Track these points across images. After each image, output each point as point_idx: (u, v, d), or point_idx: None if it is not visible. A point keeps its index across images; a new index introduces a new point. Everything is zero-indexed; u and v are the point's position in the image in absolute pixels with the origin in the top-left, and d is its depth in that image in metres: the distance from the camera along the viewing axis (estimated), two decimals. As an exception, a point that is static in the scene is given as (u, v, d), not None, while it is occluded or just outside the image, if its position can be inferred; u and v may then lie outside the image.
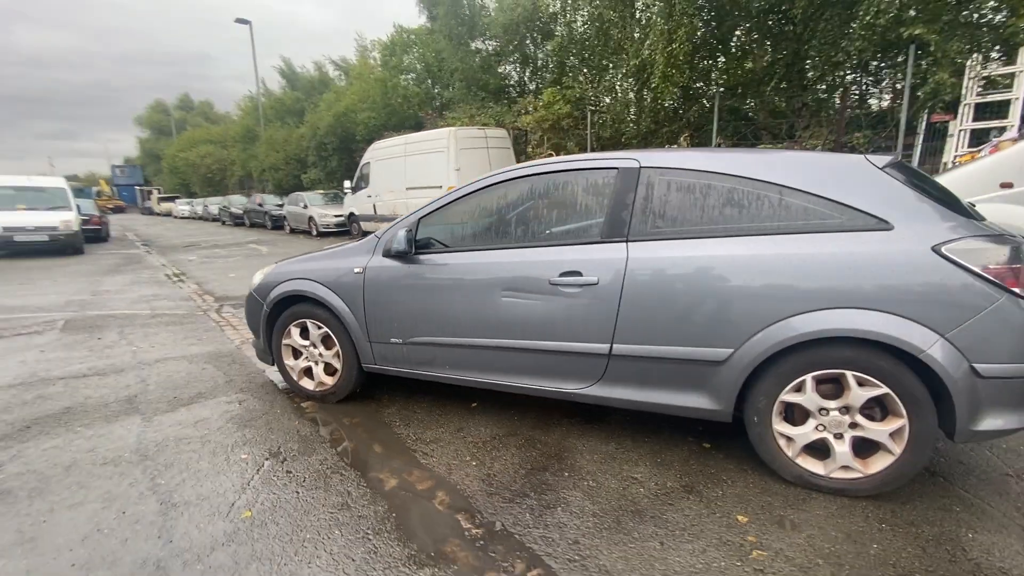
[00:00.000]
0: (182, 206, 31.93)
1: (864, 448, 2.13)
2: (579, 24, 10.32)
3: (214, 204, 25.59)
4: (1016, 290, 1.89)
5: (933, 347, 1.91)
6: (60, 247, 11.90)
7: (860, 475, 2.12)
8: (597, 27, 8.84)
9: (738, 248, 2.18)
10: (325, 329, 3.11)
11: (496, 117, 12.69)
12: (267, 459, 2.53)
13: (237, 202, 22.20)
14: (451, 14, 13.42)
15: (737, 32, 8.11)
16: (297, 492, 2.24)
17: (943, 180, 3.83)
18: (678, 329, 2.26)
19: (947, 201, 2.14)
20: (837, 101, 7.78)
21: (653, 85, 7.31)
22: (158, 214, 37.29)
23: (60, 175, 17.86)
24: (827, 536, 1.91)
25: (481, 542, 1.93)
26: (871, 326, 1.97)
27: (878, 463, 2.10)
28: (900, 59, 7.08)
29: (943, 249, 1.93)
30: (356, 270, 2.96)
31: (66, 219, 12.09)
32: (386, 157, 12.78)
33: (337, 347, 3.10)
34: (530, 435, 2.73)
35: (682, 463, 2.43)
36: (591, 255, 2.41)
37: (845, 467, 2.13)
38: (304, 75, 28.55)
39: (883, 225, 2.03)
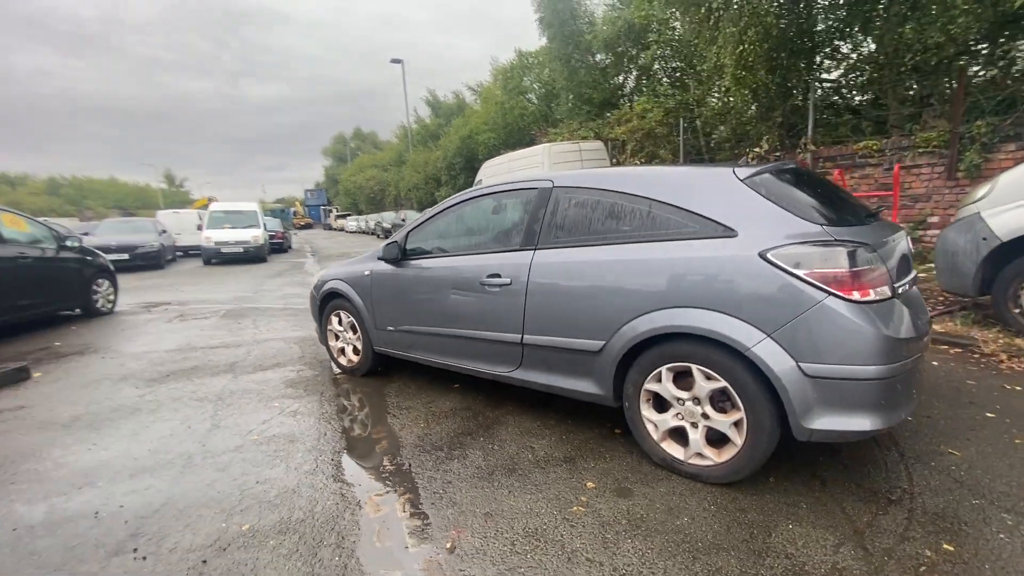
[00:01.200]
0: (351, 222, 37.61)
1: (717, 438, 2.31)
2: (668, 33, 10.24)
3: (372, 220, 29.85)
4: (840, 293, 1.98)
5: (758, 345, 2.08)
6: (251, 257, 15.30)
7: (712, 463, 2.30)
8: (680, 35, 8.75)
9: (611, 254, 2.52)
10: (351, 319, 4.03)
11: (595, 129, 13.08)
12: (288, 407, 3.49)
13: (388, 218, 25.69)
14: (559, 35, 14.18)
15: (825, 24, 7.44)
16: (292, 427, 3.14)
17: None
18: (566, 322, 2.66)
19: (814, 206, 2.24)
20: (952, 86, 6.69)
21: (725, 88, 7.06)
22: (334, 229, 44.30)
23: (271, 199, 22.71)
24: (649, 506, 2.18)
25: (387, 473, 2.58)
26: (706, 324, 2.19)
27: (727, 452, 2.27)
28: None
29: (768, 254, 2.09)
30: (366, 272, 3.83)
31: (255, 235, 15.51)
32: (494, 174, 13.96)
33: (359, 332, 4.00)
34: (480, 410, 3.29)
35: (581, 442, 2.79)
36: (508, 260, 2.92)
37: (699, 454, 2.34)
38: (445, 103, 31.80)
39: (729, 232, 2.23)
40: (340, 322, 4.17)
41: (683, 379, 2.36)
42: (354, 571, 1.88)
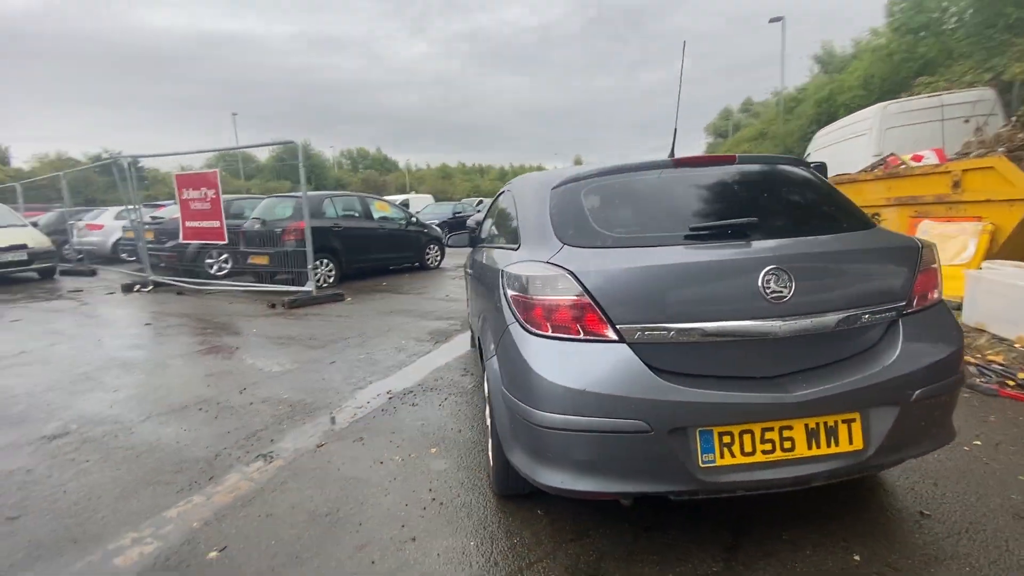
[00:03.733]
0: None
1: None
2: None
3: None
4: (521, 320, 1.76)
5: (491, 359, 2.04)
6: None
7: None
8: None
9: (493, 253, 2.68)
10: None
11: (997, 68, 8.91)
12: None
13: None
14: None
15: None
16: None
17: None
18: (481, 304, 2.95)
19: (580, 224, 1.91)
20: None
21: None
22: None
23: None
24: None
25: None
26: (477, 331, 2.25)
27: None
28: None
29: (504, 269, 1.98)
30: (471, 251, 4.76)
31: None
32: (822, 146, 11.44)
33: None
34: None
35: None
36: (500, 255, 3.33)
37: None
38: (841, 56, 26.23)
39: (515, 244, 2.17)
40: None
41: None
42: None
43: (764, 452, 1.60)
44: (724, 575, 1.74)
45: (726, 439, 1.60)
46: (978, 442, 2.57)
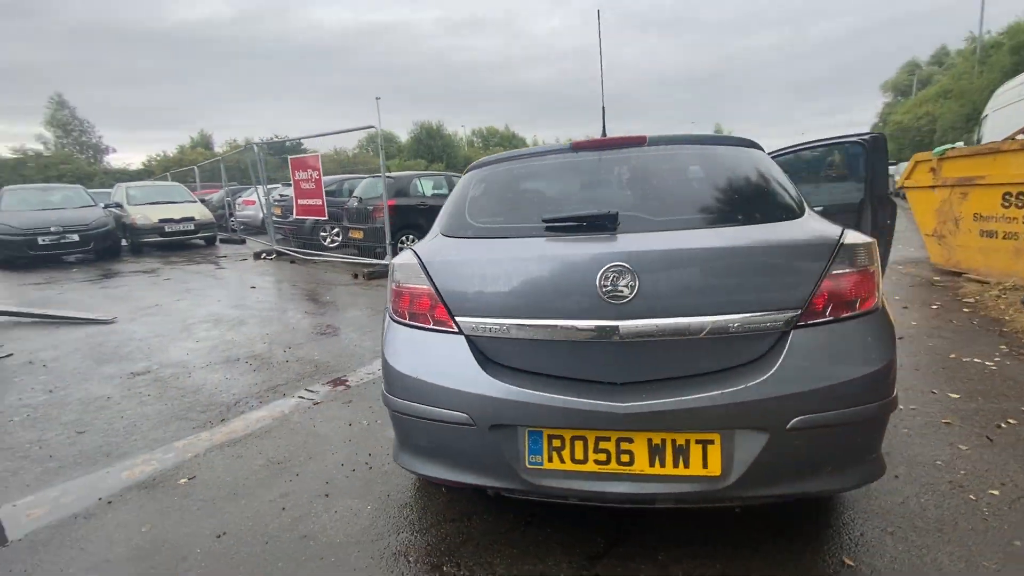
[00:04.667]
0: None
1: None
2: None
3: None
4: (389, 306, 1.83)
5: None
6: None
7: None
8: None
9: None
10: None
11: None
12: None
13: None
14: None
15: None
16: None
17: None
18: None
19: (460, 213, 1.92)
20: None
21: None
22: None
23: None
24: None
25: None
26: None
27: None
28: None
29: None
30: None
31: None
32: (1002, 104, 9.19)
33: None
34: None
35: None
36: None
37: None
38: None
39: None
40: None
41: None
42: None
43: (598, 462, 1.50)
44: (571, 582, 1.68)
45: (556, 443, 1.53)
46: (995, 492, 2.03)
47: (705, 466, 1.45)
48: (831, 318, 1.49)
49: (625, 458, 1.49)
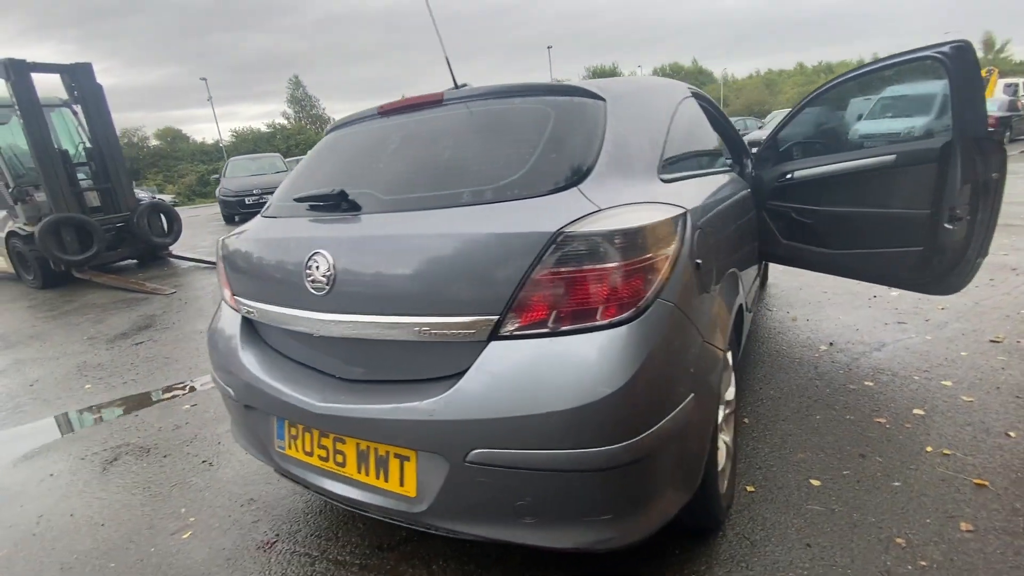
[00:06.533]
0: None
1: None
2: None
3: None
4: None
5: None
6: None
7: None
8: None
9: None
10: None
11: None
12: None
13: None
14: None
15: None
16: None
17: None
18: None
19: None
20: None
21: None
22: None
23: None
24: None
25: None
26: None
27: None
28: None
29: None
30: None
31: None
32: None
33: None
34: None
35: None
36: None
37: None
38: None
39: None
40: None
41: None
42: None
43: (321, 458, 1.45)
44: None
45: (293, 431, 1.51)
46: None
47: (402, 484, 1.29)
48: (545, 330, 1.14)
49: (339, 459, 1.41)
